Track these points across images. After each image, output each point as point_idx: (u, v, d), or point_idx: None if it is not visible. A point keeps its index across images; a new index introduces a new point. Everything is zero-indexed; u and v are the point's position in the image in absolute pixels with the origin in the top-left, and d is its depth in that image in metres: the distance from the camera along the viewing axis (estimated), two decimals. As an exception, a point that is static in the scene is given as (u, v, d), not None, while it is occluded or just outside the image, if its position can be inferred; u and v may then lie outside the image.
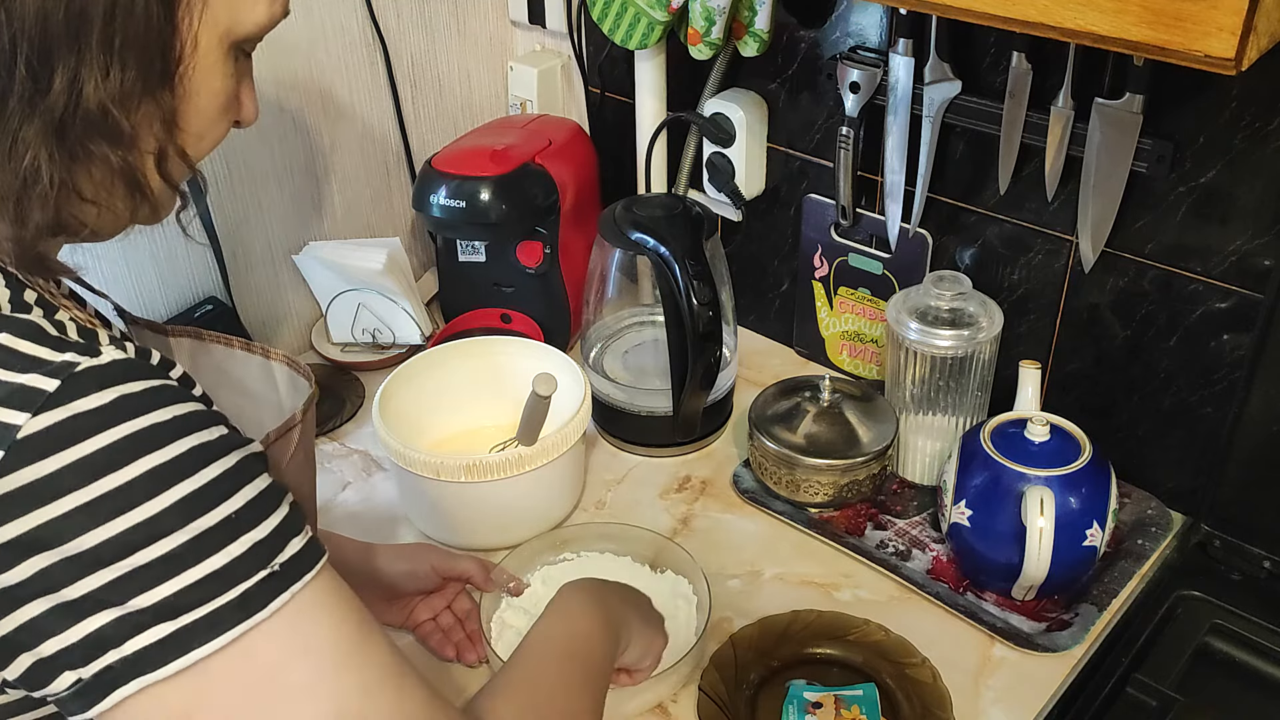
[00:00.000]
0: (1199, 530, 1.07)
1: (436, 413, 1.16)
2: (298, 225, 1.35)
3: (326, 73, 1.30)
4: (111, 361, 0.56)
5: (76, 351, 0.55)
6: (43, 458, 0.53)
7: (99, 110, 0.58)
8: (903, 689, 0.93)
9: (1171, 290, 1.03)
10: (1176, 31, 0.69)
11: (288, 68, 1.27)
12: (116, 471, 0.54)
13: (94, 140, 0.59)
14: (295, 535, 0.60)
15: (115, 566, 0.54)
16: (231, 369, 0.82)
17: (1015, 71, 1.01)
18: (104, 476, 0.54)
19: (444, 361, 1.18)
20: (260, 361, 0.81)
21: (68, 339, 0.56)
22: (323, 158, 1.34)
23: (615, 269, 1.24)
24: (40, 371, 0.54)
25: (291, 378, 0.81)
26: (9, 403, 0.53)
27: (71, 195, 0.61)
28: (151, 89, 0.61)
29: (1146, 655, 0.95)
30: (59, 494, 0.53)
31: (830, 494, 1.11)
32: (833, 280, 1.29)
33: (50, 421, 0.53)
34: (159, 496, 0.55)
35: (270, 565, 0.58)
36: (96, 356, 0.56)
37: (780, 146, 1.28)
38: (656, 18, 1.18)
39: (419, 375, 1.16)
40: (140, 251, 1.20)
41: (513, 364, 1.17)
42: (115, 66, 0.58)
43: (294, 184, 1.32)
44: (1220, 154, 0.96)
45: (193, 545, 0.55)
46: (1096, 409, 1.12)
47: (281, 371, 0.81)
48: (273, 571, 0.58)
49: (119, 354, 0.57)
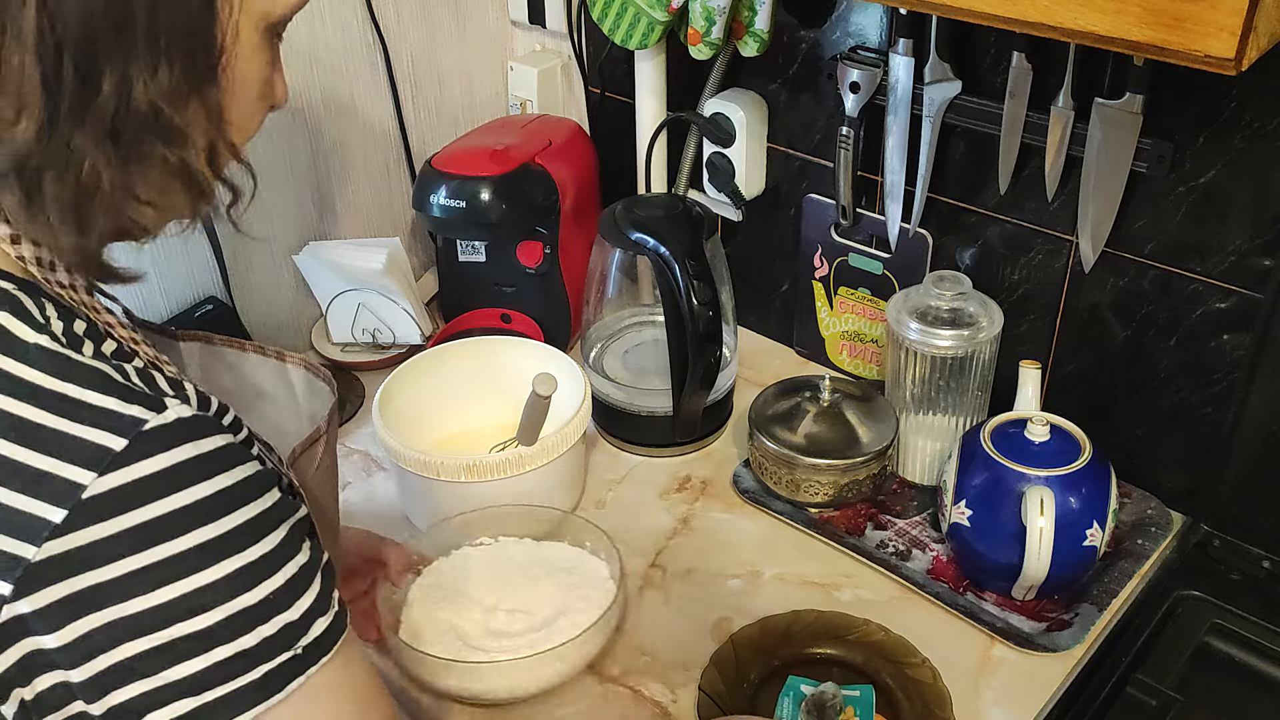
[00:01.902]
0: (1199, 530, 1.07)
1: (437, 412, 1.16)
2: (298, 225, 1.35)
3: (327, 72, 1.30)
4: (177, 420, 0.55)
5: (144, 405, 0.55)
6: (105, 519, 0.53)
7: (150, 110, 0.57)
8: (903, 689, 0.93)
9: (1171, 290, 1.03)
10: (1176, 31, 0.69)
11: (288, 67, 1.26)
12: (174, 540, 0.54)
13: (148, 141, 0.58)
14: (321, 616, 0.60)
15: (154, 636, 0.54)
16: (245, 372, 0.81)
17: (1015, 71, 1.01)
18: (161, 544, 0.54)
19: (444, 361, 1.18)
20: (275, 365, 0.81)
21: (134, 388, 0.56)
22: (323, 158, 1.34)
23: (615, 269, 1.24)
24: (107, 428, 0.54)
25: (309, 380, 0.80)
26: (75, 459, 0.53)
27: (129, 198, 0.60)
28: (198, 83, 0.60)
29: (1146, 655, 0.95)
30: (116, 557, 0.53)
31: (830, 494, 1.11)
32: (833, 280, 1.29)
33: (116, 483, 0.53)
34: (210, 569, 0.55)
35: (295, 648, 0.58)
36: (163, 413, 0.55)
37: (780, 146, 1.28)
38: (656, 18, 1.18)
39: (419, 375, 1.16)
40: (141, 252, 1.20)
41: (513, 364, 1.17)
42: (163, 64, 0.57)
43: (294, 184, 1.32)
44: (1220, 154, 0.96)
45: (229, 622, 0.55)
46: (1096, 409, 1.12)
47: (298, 374, 0.81)
48: (295, 654, 0.58)
49: (184, 410, 0.56)
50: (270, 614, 0.57)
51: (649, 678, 0.96)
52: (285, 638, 0.57)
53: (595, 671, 0.97)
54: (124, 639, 0.54)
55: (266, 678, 0.56)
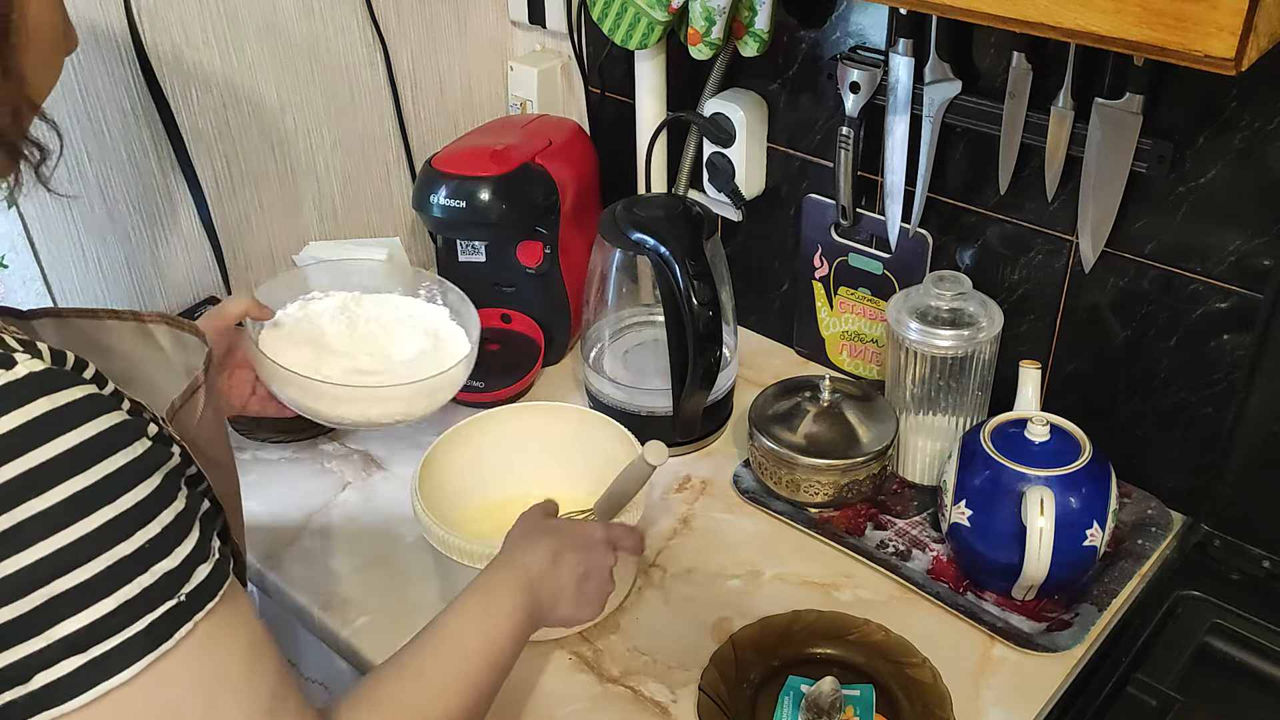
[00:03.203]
0: (1199, 530, 1.07)
1: (480, 478, 1.11)
2: (298, 225, 1.35)
3: (327, 72, 1.31)
4: (28, 375, 0.54)
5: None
6: None
7: None
8: (903, 689, 0.93)
9: (1171, 290, 1.03)
10: (1176, 31, 0.68)
11: (288, 67, 1.27)
12: (40, 496, 0.53)
13: None
14: (202, 562, 0.59)
15: (32, 596, 0.53)
16: (102, 339, 0.78)
17: (1015, 71, 1.01)
18: (26, 501, 0.52)
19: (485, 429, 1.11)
20: (134, 327, 0.78)
21: None
22: (323, 157, 1.34)
23: (615, 269, 1.24)
24: None
25: (175, 335, 0.78)
26: None
27: None
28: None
29: (1146, 655, 0.95)
30: None
31: (830, 494, 1.11)
32: (833, 280, 1.29)
33: None
34: (80, 522, 0.54)
35: (178, 595, 0.57)
36: (11, 368, 0.54)
37: (780, 146, 1.28)
38: (656, 18, 1.18)
39: (458, 445, 1.09)
40: (141, 252, 1.21)
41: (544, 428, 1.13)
42: None
43: (294, 184, 1.33)
44: (1220, 154, 0.96)
45: (107, 574, 0.54)
46: (1096, 409, 1.12)
47: (161, 332, 0.78)
48: (179, 602, 0.57)
49: (36, 364, 0.55)
50: (149, 563, 0.56)
51: (649, 678, 0.96)
52: (166, 586, 0.57)
53: (595, 671, 0.97)
54: (1, 602, 0.53)
55: (152, 627, 0.56)
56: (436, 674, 0.73)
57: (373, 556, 1.10)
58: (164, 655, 0.56)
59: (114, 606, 0.55)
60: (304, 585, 1.06)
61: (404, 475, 1.18)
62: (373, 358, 1.10)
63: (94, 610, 0.54)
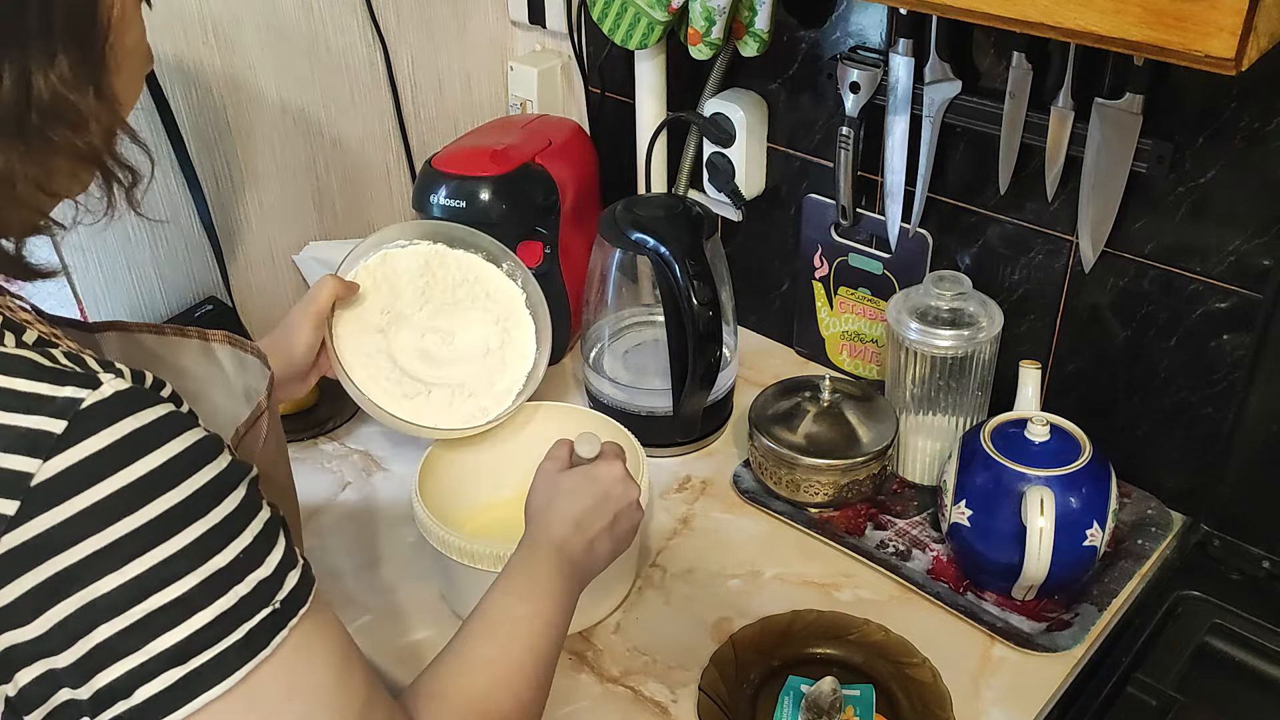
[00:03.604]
0: (1199, 530, 1.07)
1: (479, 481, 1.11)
2: (298, 225, 1.35)
3: (327, 72, 1.31)
4: (115, 395, 0.55)
5: (76, 384, 0.54)
6: (58, 504, 0.52)
7: (53, 99, 0.57)
8: (903, 689, 0.93)
9: (1171, 290, 1.03)
10: (1176, 31, 0.69)
11: (288, 67, 1.27)
12: (133, 514, 0.53)
13: (55, 130, 0.58)
14: (293, 568, 0.60)
15: (131, 612, 0.53)
16: (166, 356, 0.79)
17: (1015, 71, 1.01)
18: (121, 519, 0.53)
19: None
20: (199, 345, 0.79)
21: (64, 369, 0.55)
22: (323, 158, 1.34)
23: (615, 269, 1.24)
24: (44, 412, 0.53)
25: (237, 357, 0.79)
26: (16, 448, 0.52)
27: (40, 192, 0.60)
28: (93, 66, 0.59)
29: (1146, 655, 0.95)
30: (76, 540, 0.52)
31: (830, 494, 1.11)
32: (833, 280, 1.29)
33: (63, 466, 0.52)
34: (175, 538, 0.54)
35: (273, 603, 0.58)
36: (98, 389, 0.54)
37: (780, 146, 1.28)
38: (656, 18, 1.18)
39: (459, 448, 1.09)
40: (141, 252, 1.21)
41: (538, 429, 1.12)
42: (59, 51, 0.57)
43: (294, 184, 1.33)
44: (1220, 154, 0.96)
45: (204, 587, 0.55)
46: (1096, 409, 1.12)
47: (224, 352, 0.79)
48: (274, 609, 0.58)
49: (120, 384, 0.56)
50: (244, 572, 0.57)
51: (649, 678, 0.96)
52: (262, 594, 0.57)
53: (595, 671, 0.97)
54: (100, 620, 0.53)
55: (250, 636, 0.56)
56: (499, 660, 0.73)
57: (373, 556, 1.10)
58: (261, 664, 0.57)
59: (211, 618, 0.55)
60: (304, 585, 1.06)
61: (404, 475, 1.18)
62: (440, 339, 1.10)
63: (193, 622, 0.55)
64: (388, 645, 1.00)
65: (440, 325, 1.10)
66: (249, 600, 0.56)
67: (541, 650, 0.76)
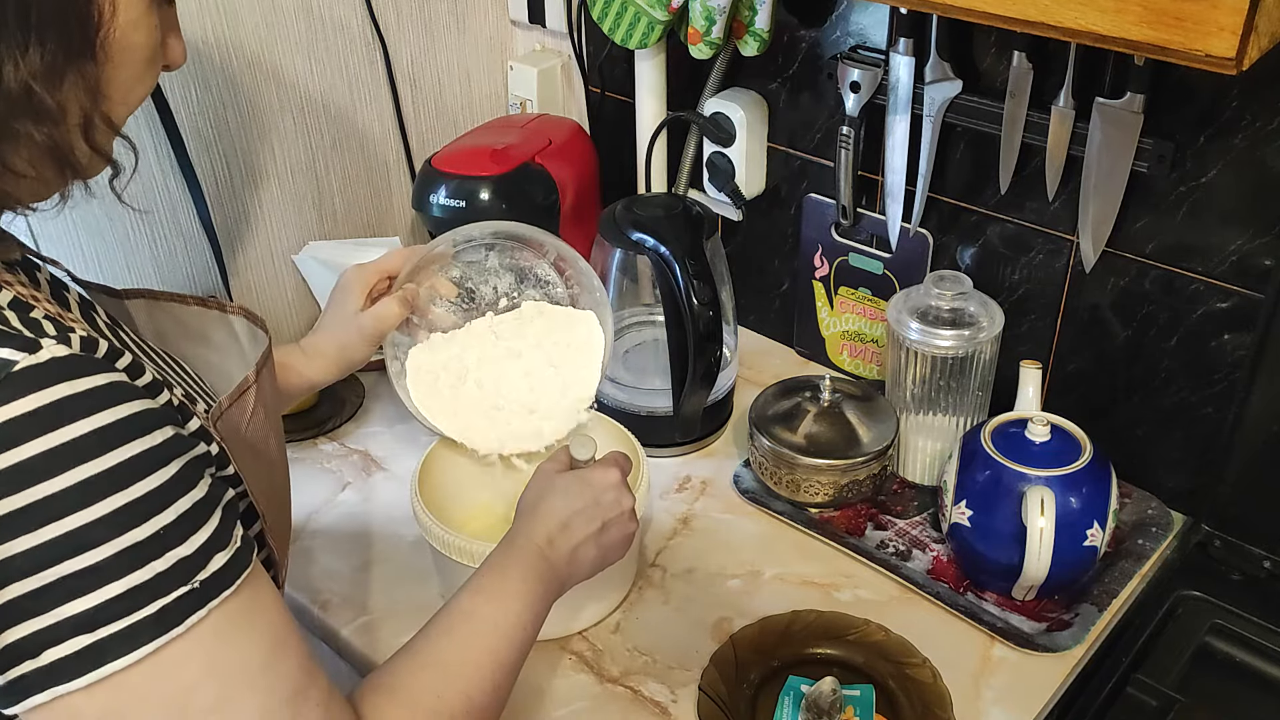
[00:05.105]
0: (1199, 530, 1.07)
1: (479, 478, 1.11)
2: (298, 225, 1.35)
3: (327, 72, 1.30)
4: (50, 360, 0.55)
5: (14, 347, 0.54)
6: None
7: (21, 90, 0.57)
8: (903, 689, 0.93)
9: (1172, 290, 1.03)
10: (1177, 31, 0.68)
11: (288, 67, 1.27)
12: (54, 478, 0.54)
13: (18, 120, 0.58)
14: (220, 550, 0.59)
15: (42, 575, 0.54)
16: (190, 323, 0.81)
17: (1016, 71, 1.00)
18: (40, 483, 0.53)
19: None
20: (217, 316, 0.80)
21: (10, 330, 0.55)
22: (323, 157, 1.34)
23: (615, 269, 1.24)
24: None
25: (250, 329, 0.80)
26: None
27: (5, 173, 0.59)
28: (73, 59, 0.59)
29: (1146, 655, 0.95)
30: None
31: (830, 494, 1.11)
32: (833, 280, 1.29)
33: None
34: (94, 506, 0.54)
35: (191, 582, 0.58)
36: (35, 353, 0.55)
37: (780, 146, 1.28)
38: (656, 17, 1.18)
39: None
40: (141, 252, 1.20)
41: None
42: (33, 42, 0.56)
43: (294, 184, 1.32)
44: (1220, 154, 0.95)
45: (119, 559, 0.55)
46: (1097, 409, 1.12)
47: (240, 324, 0.80)
48: (192, 589, 0.57)
49: (60, 350, 0.55)
50: (163, 549, 0.56)
51: (649, 678, 0.96)
52: (179, 572, 0.57)
53: (595, 671, 0.97)
54: (12, 578, 0.54)
55: (163, 612, 0.56)
56: (455, 659, 0.72)
57: (373, 556, 1.10)
58: (173, 640, 0.57)
59: (123, 590, 0.55)
60: (303, 585, 1.06)
61: (404, 475, 1.18)
62: (506, 398, 1.08)
63: (103, 592, 0.55)
64: (387, 645, 0.99)
65: (505, 390, 1.08)
66: (165, 577, 0.56)
67: (504, 653, 0.74)
